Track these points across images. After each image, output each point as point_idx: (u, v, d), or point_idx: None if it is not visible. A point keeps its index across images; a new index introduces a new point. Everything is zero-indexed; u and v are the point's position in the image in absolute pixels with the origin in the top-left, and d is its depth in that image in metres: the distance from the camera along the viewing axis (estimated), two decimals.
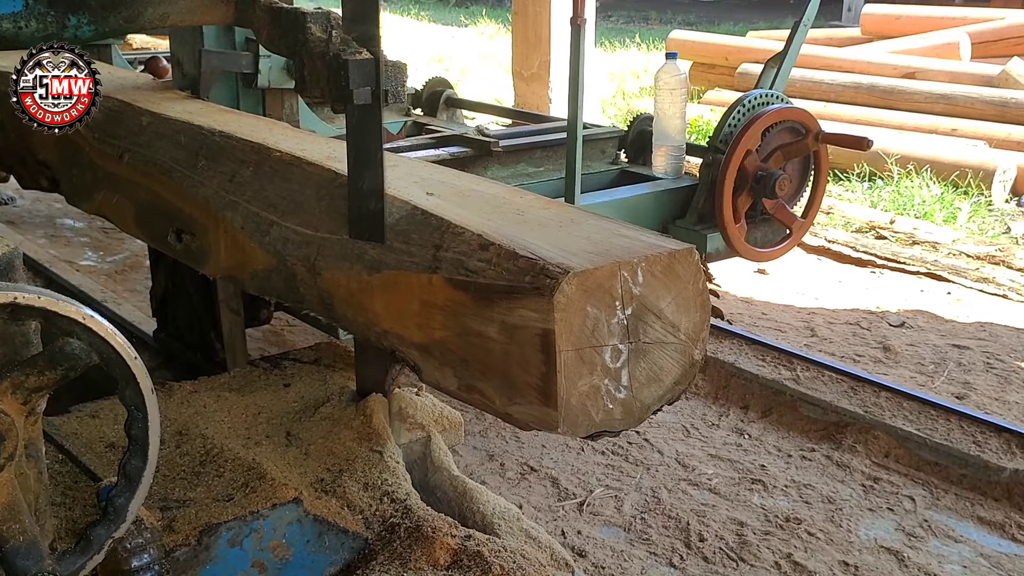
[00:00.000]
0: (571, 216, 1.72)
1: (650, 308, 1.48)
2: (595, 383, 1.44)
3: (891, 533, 2.80)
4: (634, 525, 2.84)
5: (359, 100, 1.70)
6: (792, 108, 3.33)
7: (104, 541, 1.14)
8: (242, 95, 2.78)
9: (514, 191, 1.91)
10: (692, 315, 1.52)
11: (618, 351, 1.46)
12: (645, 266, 1.47)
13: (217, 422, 1.80)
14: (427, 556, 1.60)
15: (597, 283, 1.42)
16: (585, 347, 1.42)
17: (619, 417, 1.49)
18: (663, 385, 1.52)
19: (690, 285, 1.51)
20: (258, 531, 1.54)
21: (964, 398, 3.47)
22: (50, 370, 1.04)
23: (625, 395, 1.48)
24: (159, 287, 3.06)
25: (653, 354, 1.50)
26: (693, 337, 1.53)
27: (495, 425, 3.36)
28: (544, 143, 3.56)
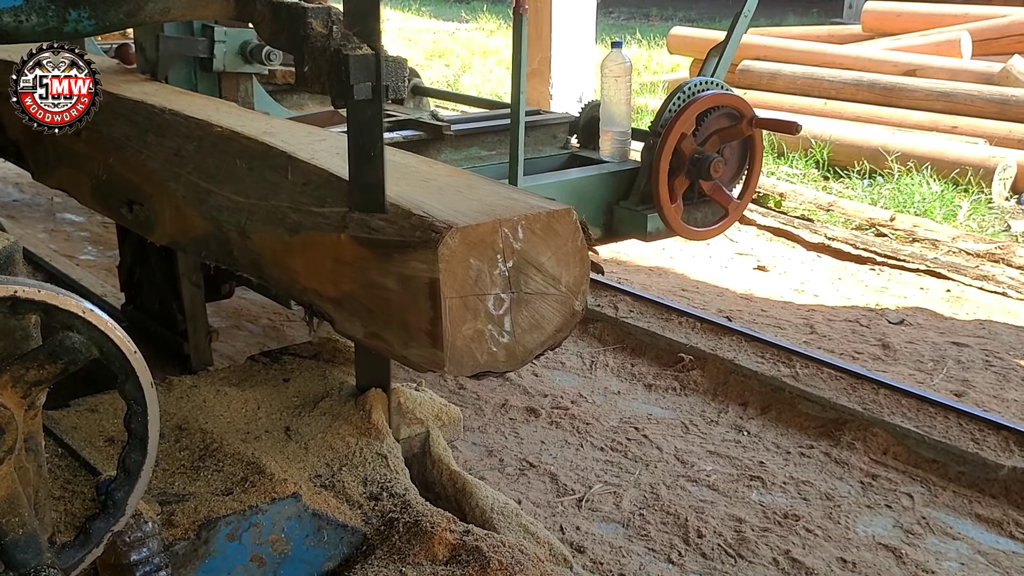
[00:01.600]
0: (469, 182, 1.92)
1: (531, 262, 1.66)
2: (479, 328, 1.62)
3: (889, 530, 2.80)
4: (633, 521, 2.84)
5: (359, 95, 1.70)
6: (726, 94, 3.43)
7: (103, 535, 1.14)
8: (199, 78, 2.96)
9: (427, 162, 2.10)
10: (572, 269, 1.70)
11: (500, 300, 1.64)
12: (525, 224, 1.64)
13: (216, 416, 1.80)
14: (426, 551, 1.61)
15: (480, 238, 1.60)
16: (469, 295, 1.60)
17: (503, 360, 1.67)
18: (545, 332, 1.71)
19: (569, 242, 1.68)
20: (257, 525, 1.54)
21: (963, 395, 3.47)
22: (50, 364, 1.04)
23: (508, 340, 1.66)
24: (126, 262, 3.18)
25: (535, 304, 1.68)
26: (573, 289, 1.72)
27: (494, 421, 3.37)
28: (496, 128, 3.68)
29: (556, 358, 3.82)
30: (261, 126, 2.19)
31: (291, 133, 2.18)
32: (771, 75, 8.00)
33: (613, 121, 3.59)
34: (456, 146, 3.62)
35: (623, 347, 3.90)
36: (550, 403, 3.47)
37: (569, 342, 3.96)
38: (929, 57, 7.74)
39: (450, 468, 1.89)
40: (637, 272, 4.86)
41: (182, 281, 2.85)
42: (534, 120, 3.79)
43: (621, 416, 3.41)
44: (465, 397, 3.51)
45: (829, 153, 6.62)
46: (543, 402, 3.48)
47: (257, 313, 4.13)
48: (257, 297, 4.08)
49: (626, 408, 3.47)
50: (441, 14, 15.63)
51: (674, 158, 3.32)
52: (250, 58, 2.95)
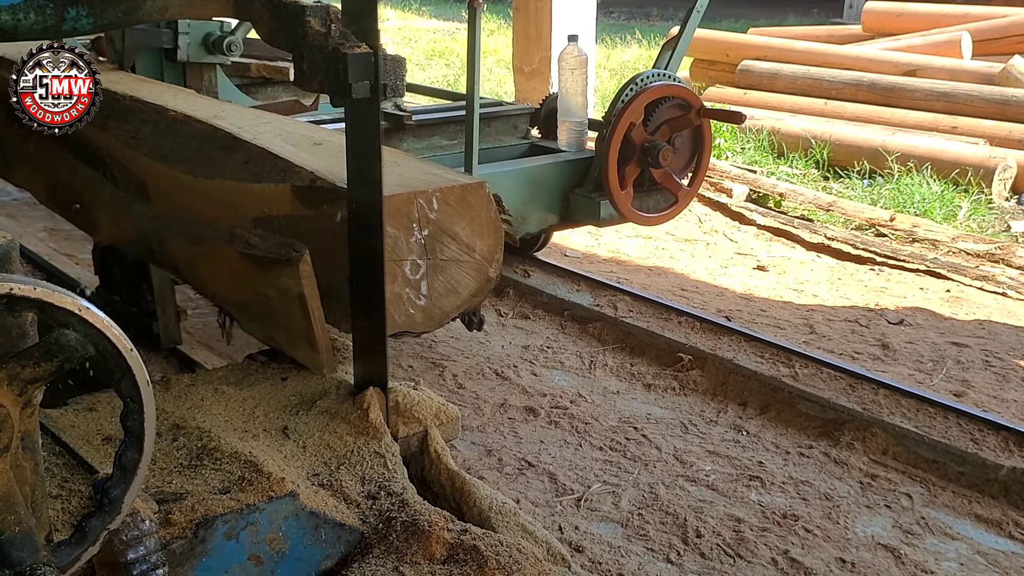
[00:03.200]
0: (396, 160, 2.05)
1: (445, 231, 1.78)
2: (396, 291, 1.75)
3: (888, 530, 2.80)
4: (631, 521, 2.84)
5: (358, 94, 1.70)
6: (673, 85, 3.55)
7: (99, 532, 1.14)
8: (165, 68, 3.11)
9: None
10: (486, 239, 1.83)
11: (417, 265, 1.77)
12: (440, 195, 1.77)
13: (214, 415, 1.80)
14: (423, 550, 1.60)
15: (395, 207, 1.73)
16: (387, 260, 1.71)
17: (420, 321, 1.81)
18: (460, 296, 1.85)
19: (483, 213, 1.81)
20: (254, 524, 1.54)
21: (962, 396, 3.46)
22: (46, 361, 1.04)
23: (425, 303, 1.80)
24: (99, 246, 3.21)
25: (450, 270, 1.81)
26: (488, 257, 1.84)
27: (493, 421, 3.37)
28: (456, 118, 3.79)
29: (555, 358, 3.82)
30: (212, 110, 2.34)
31: (239, 118, 2.30)
32: (771, 75, 7.99)
33: (570, 112, 3.73)
34: (418, 135, 3.74)
35: (622, 347, 3.89)
36: (549, 403, 3.47)
37: (568, 341, 3.96)
38: (929, 57, 7.73)
39: (448, 467, 1.88)
40: (637, 272, 4.86)
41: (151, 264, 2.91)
42: (495, 111, 3.93)
43: (620, 416, 3.41)
44: (464, 397, 3.51)
45: (829, 153, 6.62)
46: (542, 402, 3.48)
47: None
48: None
49: (625, 408, 3.47)
50: (441, 14, 15.62)
51: (624, 147, 3.45)
52: (212, 49, 3.08)
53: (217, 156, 2.10)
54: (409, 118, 3.69)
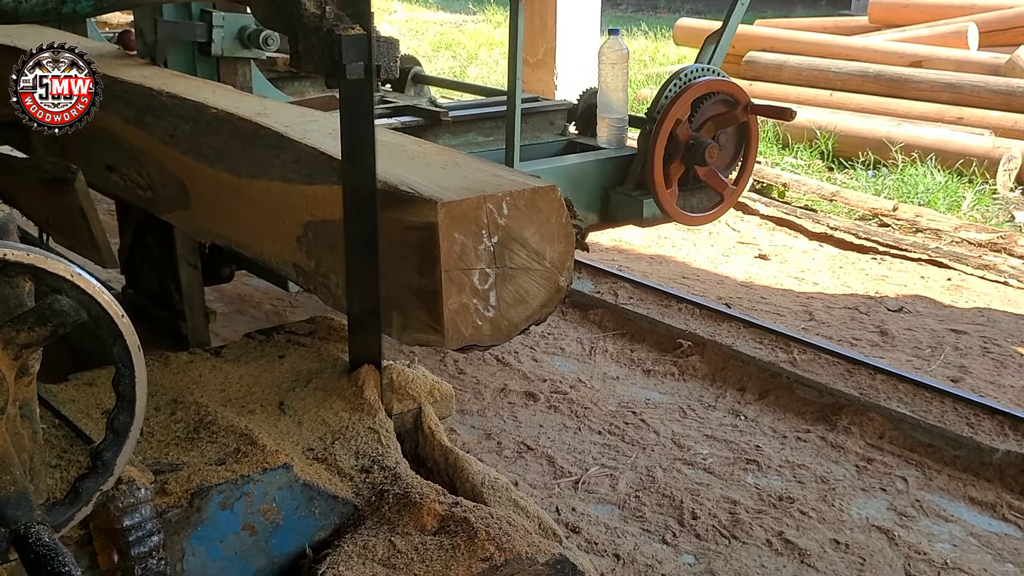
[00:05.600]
0: (455, 160, 1.93)
1: (515, 237, 1.68)
2: (464, 302, 1.65)
3: (883, 512, 2.82)
4: (628, 503, 2.86)
5: (352, 75, 1.72)
6: (721, 80, 3.45)
7: (92, 493, 1.17)
8: (198, 63, 3.00)
9: (416, 141, 2.14)
10: (556, 245, 1.72)
11: (486, 274, 1.66)
12: (510, 200, 1.66)
13: (212, 391, 1.83)
14: (415, 521, 1.63)
15: (464, 213, 1.62)
16: (454, 269, 1.63)
17: (488, 333, 1.69)
18: (530, 307, 1.73)
19: (553, 218, 1.71)
20: (249, 495, 1.57)
21: (959, 381, 3.48)
22: (40, 326, 1.07)
23: (494, 314, 1.69)
24: (125, 244, 3.20)
25: (519, 279, 1.70)
26: (558, 265, 1.73)
27: (493, 405, 3.40)
28: (492, 114, 3.72)
29: (556, 343, 3.85)
30: (255, 108, 2.23)
31: (283, 115, 2.22)
32: (777, 66, 8.00)
33: (610, 108, 3.62)
34: (454, 132, 3.66)
35: (623, 333, 3.92)
36: (549, 388, 3.50)
37: (569, 328, 3.98)
38: (935, 48, 7.73)
39: (442, 444, 1.91)
40: (638, 260, 4.88)
41: (180, 263, 2.89)
42: (532, 107, 3.82)
43: (619, 401, 3.44)
44: (465, 381, 3.54)
45: (834, 144, 6.63)
46: (542, 387, 3.51)
47: (260, 299, 4.16)
48: (260, 283, 4.11)
49: (624, 393, 3.50)
50: (448, 6, 15.64)
51: (669, 144, 3.34)
52: (248, 43, 2.98)
53: (263, 156, 2.02)
54: (446, 114, 3.62)
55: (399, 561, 1.56)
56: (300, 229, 1.93)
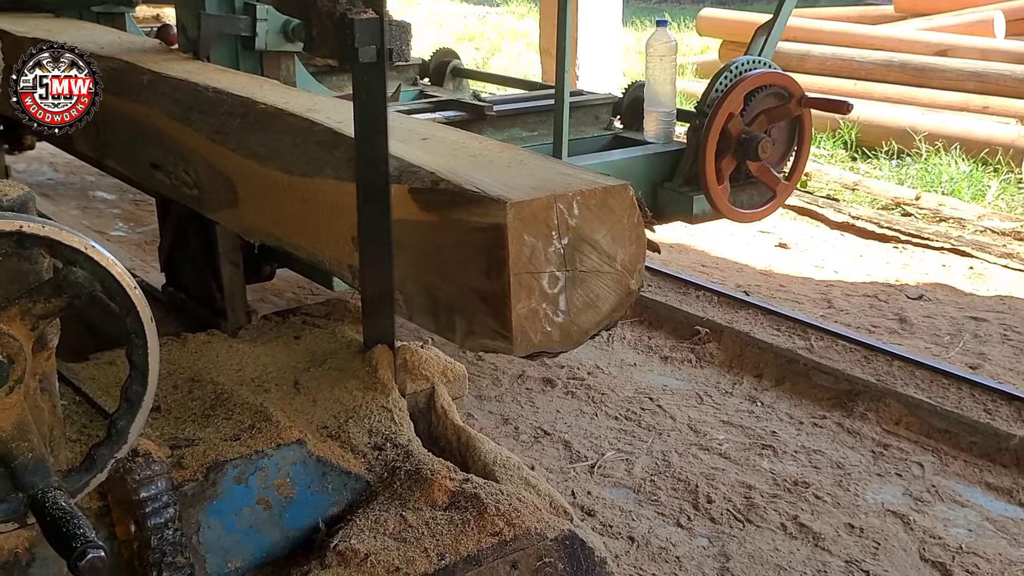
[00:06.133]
0: (519, 158, 1.85)
1: (586, 239, 1.60)
2: (533, 307, 1.57)
3: (898, 497, 2.82)
4: (643, 487, 2.88)
5: (364, 58, 1.75)
6: (774, 73, 3.38)
7: (107, 461, 1.20)
8: (241, 57, 2.92)
9: (475, 138, 2.05)
10: (628, 247, 1.64)
11: (555, 278, 1.58)
12: (580, 199, 1.58)
13: (228, 370, 1.87)
14: (426, 497, 1.66)
15: (533, 214, 1.55)
16: (523, 273, 1.55)
17: (557, 339, 1.61)
18: (600, 312, 1.65)
19: (625, 219, 1.63)
20: (263, 470, 1.60)
21: (978, 368, 3.48)
22: (56, 297, 1.10)
23: (563, 319, 1.60)
24: (166, 242, 3.16)
25: (590, 282, 1.62)
26: (629, 268, 1.65)
27: (511, 391, 3.42)
28: (537, 108, 3.65)
29: None
30: (305, 103, 2.18)
31: (335, 110, 2.16)
32: (800, 56, 7.96)
33: (658, 102, 3.52)
34: (497, 127, 3.56)
35: (641, 320, 3.93)
36: (566, 374, 3.52)
37: None
38: (961, 37, 7.68)
39: (455, 423, 1.94)
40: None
41: (222, 261, 2.82)
42: (577, 101, 3.70)
43: (636, 387, 3.45)
44: (483, 368, 3.56)
45: (857, 134, 6.60)
46: (559, 373, 3.53)
47: (282, 288, 4.21)
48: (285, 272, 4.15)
49: (641, 379, 3.51)
50: None
51: (721, 139, 3.25)
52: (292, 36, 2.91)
53: (316, 153, 1.95)
54: (490, 108, 3.52)
55: (410, 535, 1.59)
56: (355, 229, 1.86)
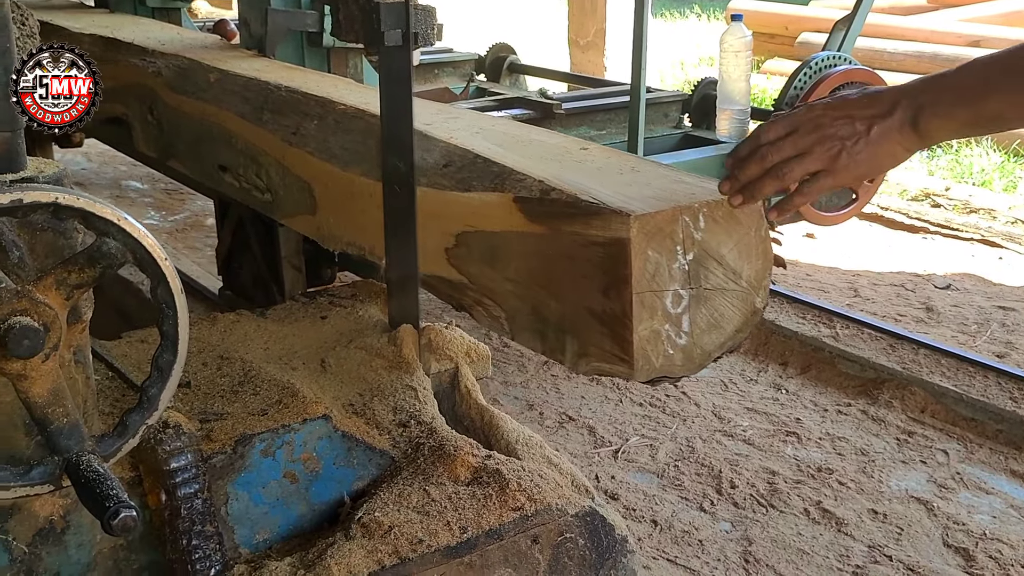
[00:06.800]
0: (631, 164, 1.73)
1: (711, 254, 1.48)
2: (656, 328, 1.46)
3: (922, 484, 2.83)
4: (667, 472, 2.91)
5: (390, 41, 1.78)
6: (859, 69, 3.33)
7: (139, 427, 1.24)
8: (307, 54, 2.84)
9: (575, 141, 1.93)
10: (754, 262, 1.51)
11: (679, 296, 1.46)
12: (707, 211, 1.46)
13: (256, 348, 1.90)
14: (449, 472, 1.69)
15: (658, 227, 1.43)
16: (646, 291, 1.43)
17: (679, 363, 1.49)
18: (724, 332, 1.52)
19: (752, 232, 1.50)
20: (289, 444, 1.63)
21: (1005, 357, 3.47)
22: (89, 268, 1.14)
23: (686, 341, 1.48)
24: (224, 245, 3.10)
25: (714, 300, 1.49)
26: (755, 285, 1.52)
27: (536, 377, 3.45)
28: (606, 106, 3.59)
29: None
30: None
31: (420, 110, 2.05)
32: None
33: (731, 99, 3.44)
34: (565, 125, 3.49)
35: None
36: None
37: None
38: (994, 27, 7.61)
39: (478, 402, 1.96)
40: None
41: (283, 265, 2.78)
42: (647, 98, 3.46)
43: None
44: (508, 355, 3.59)
45: None
46: None
47: None
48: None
49: None
50: None
51: None
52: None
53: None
54: (558, 106, 3.47)
55: (433, 509, 1.62)
56: (450, 240, 1.78)
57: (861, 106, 1.29)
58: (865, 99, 1.30)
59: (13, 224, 1.27)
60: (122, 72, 2.81)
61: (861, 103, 1.29)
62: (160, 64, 2.68)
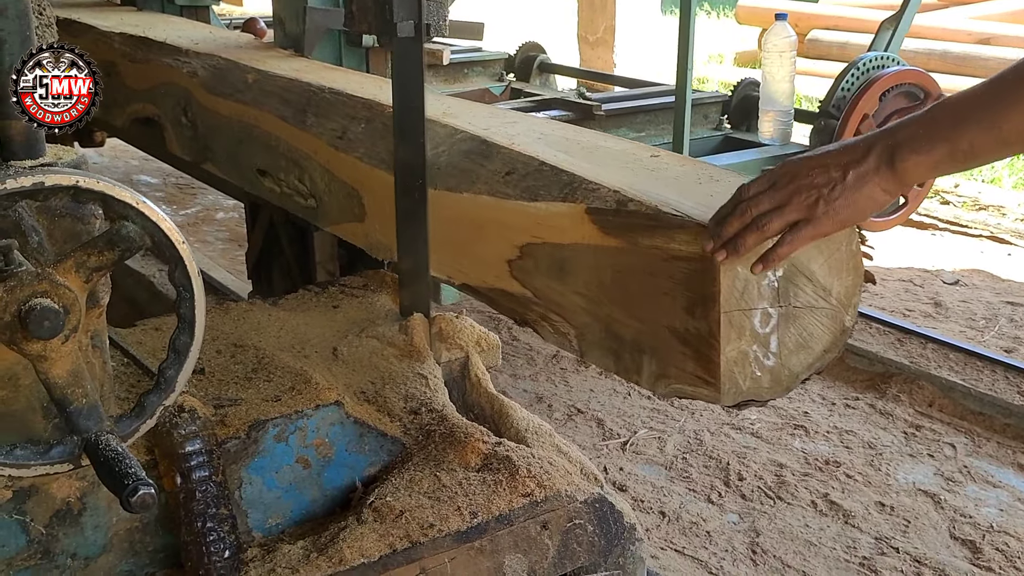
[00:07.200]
0: (708, 173, 1.65)
1: (801, 270, 1.41)
2: (743, 349, 1.39)
3: (930, 477, 2.84)
4: (675, 464, 2.92)
5: (402, 33, 1.80)
6: (911, 70, 3.24)
7: (156, 407, 1.26)
8: (345, 54, 2.76)
9: (644, 147, 1.87)
10: (844, 278, 1.43)
11: (768, 315, 1.40)
12: None
13: (269, 336, 1.92)
14: (459, 458, 1.71)
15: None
16: (734, 310, 1.37)
17: (767, 386, 1.43)
18: (813, 353, 1.45)
19: (843, 246, 1.42)
20: (302, 429, 1.65)
21: (1013, 352, 3.48)
22: (109, 251, 1.16)
23: (774, 363, 1.42)
24: (255, 249, 3.02)
25: (803, 319, 1.42)
26: (844, 302, 1.45)
27: (545, 370, 3.47)
28: (647, 107, 3.52)
29: None
30: (439, 106, 2.02)
31: (474, 115, 1.99)
32: (840, 45, 7.93)
33: (775, 101, 3.37)
34: (605, 127, 3.38)
35: None
36: None
37: None
38: (1004, 25, 7.60)
39: (488, 391, 1.98)
40: None
41: (317, 270, 2.72)
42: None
43: None
44: (518, 348, 3.61)
45: None
46: None
47: None
48: None
49: None
50: None
51: None
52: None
53: (463, 164, 1.78)
54: (598, 108, 3.39)
55: (443, 494, 1.64)
56: (514, 252, 1.69)
57: (837, 154, 1.29)
58: (841, 148, 1.30)
59: (32, 210, 1.30)
60: (154, 72, 2.76)
61: (837, 152, 1.29)
62: (195, 64, 2.63)
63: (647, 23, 7.01)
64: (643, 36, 7.14)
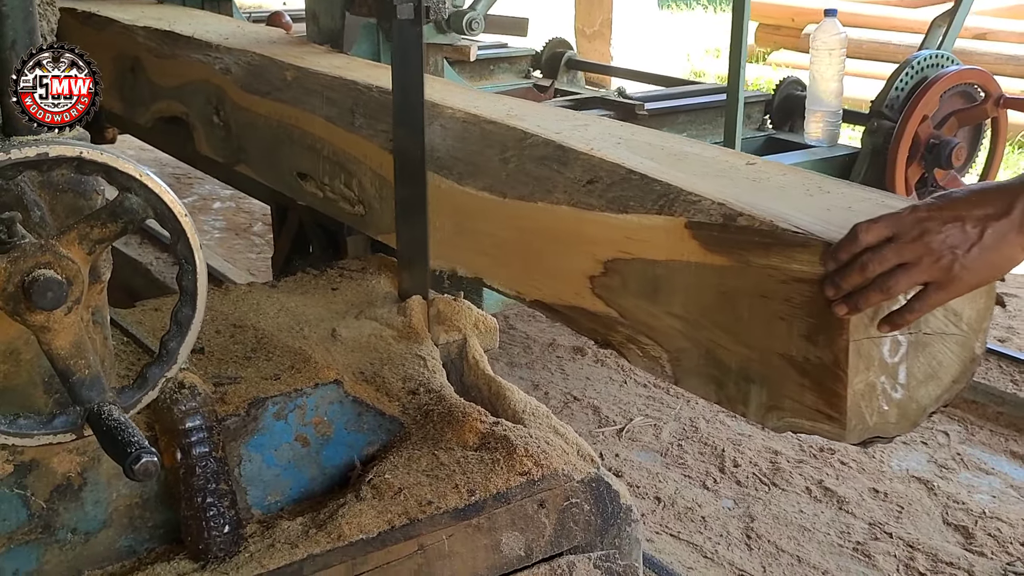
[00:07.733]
0: (817, 183, 1.53)
1: None
2: (871, 380, 1.27)
3: (923, 465, 2.86)
4: (671, 451, 2.94)
5: (402, 15, 1.81)
6: (972, 70, 3.15)
7: (158, 379, 1.27)
8: (383, 50, 2.63)
9: (738, 154, 1.79)
10: (976, 301, 1.32)
11: (897, 343, 1.28)
12: None
13: (269, 317, 1.93)
14: (457, 438, 1.72)
15: None
16: (863, 338, 1.25)
17: (894, 421, 1.30)
18: (941, 383, 1.33)
19: None
20: (301, 407, 1.67)
21: (1006, 341, 3.50)
22: (112, 223, 1.17)
23: (902, 395, 1.30)
24: (282, 251, 2.94)
25: (933, 347, 1.31)
26: (975, 327, 1.35)
27: (542, 359, 3.48)
28: (690, 107, 3.43)
29: None
30: (500, 108, 1.91)
31: (541, 116, 1.87)
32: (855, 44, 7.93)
33: (823, 101, 3.26)
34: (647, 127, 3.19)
35: None
36: None
37: None
38: (1000, 20, 7.62)
39: (485, 372, 1.99)
40: None
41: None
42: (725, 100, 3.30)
43: None
44: (514, 336, 3.63)
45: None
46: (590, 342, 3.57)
47: None
48: None
49: None
50: None
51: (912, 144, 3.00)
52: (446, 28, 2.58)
53: (537, 171, 1.66)
54: (640, 107, 3.30)
55: (441, 472, 1.65)
56: (597, 267, 1.58)
57: (972, 205, 1.16)
58: (974, 197, 1.18)
59: (35, 184, 1.31)
60: (183, 68, 2.64)
61: (970, 202, 1.17)
62: (228, 60, 2.50)
63: (644, 17, 7.02)
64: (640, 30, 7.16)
